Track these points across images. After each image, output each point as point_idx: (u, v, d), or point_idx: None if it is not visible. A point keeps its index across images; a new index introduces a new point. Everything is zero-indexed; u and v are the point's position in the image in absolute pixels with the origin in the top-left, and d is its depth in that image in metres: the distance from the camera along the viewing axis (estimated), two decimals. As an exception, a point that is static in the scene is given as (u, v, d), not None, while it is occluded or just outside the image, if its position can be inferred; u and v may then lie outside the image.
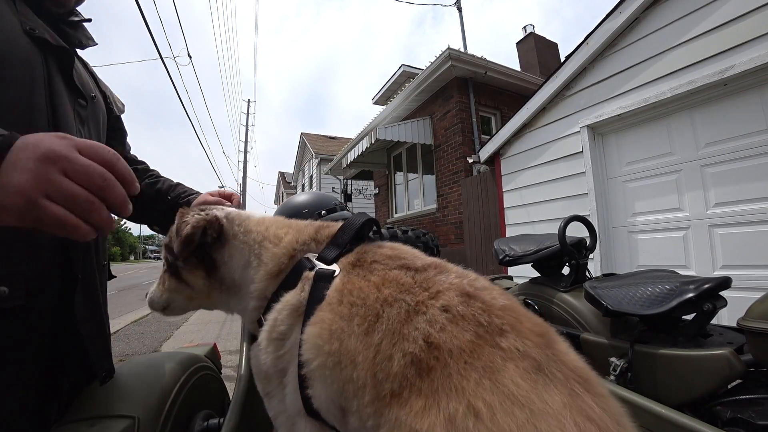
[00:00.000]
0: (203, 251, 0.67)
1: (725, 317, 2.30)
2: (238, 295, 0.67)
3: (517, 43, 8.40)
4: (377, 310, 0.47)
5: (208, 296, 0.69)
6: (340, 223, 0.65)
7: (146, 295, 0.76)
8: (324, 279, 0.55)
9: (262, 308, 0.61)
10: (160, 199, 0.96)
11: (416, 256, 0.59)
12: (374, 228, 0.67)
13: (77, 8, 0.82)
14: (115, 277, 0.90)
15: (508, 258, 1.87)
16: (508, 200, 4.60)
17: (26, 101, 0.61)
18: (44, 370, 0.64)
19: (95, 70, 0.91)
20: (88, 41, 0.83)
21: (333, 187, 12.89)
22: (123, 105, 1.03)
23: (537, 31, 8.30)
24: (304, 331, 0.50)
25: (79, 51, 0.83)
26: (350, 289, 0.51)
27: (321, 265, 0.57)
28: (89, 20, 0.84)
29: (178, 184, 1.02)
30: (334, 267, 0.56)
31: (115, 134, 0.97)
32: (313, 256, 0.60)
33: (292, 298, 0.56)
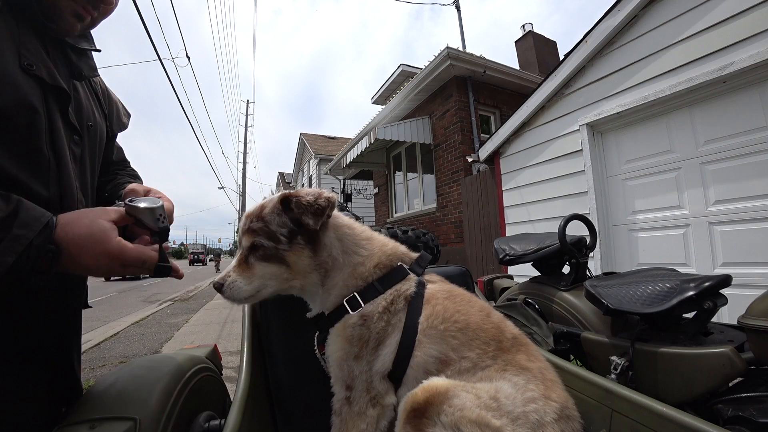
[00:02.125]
0: (312, 233, 0.79)
1: (726, 315, 2.30)
2: (334, 274, 0.82)
3: (515, 42, 8.40)
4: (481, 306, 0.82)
5: (305, 277, 0.81)
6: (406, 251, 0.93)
7: (219, 287, 0.79)
8: (422, 284, 0.82)
9: (359, 288, 0.80)
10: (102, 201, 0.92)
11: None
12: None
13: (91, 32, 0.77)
14: (90, 307, 0.88)
15: (508, 257, 1.87)
16: (507, 199, 4.60)
17: (30, 149, 0.59)
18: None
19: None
20: (90, 72, 0.79)
21: (333, 187, 12.89)
22: (128, 117, 0.99)
23: (538, 24, 8.35)
24: (426, 310, 0.76)
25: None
26: (453, 292, 0.83)
27: (413, 275, 0.84)
28: (98, 50, 0.81)
29: (124, 182, 0.92)
30: (422, 279, 0.84)
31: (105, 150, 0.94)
32: (405, 266, 0.85)
33: (404, 288, 0.80)
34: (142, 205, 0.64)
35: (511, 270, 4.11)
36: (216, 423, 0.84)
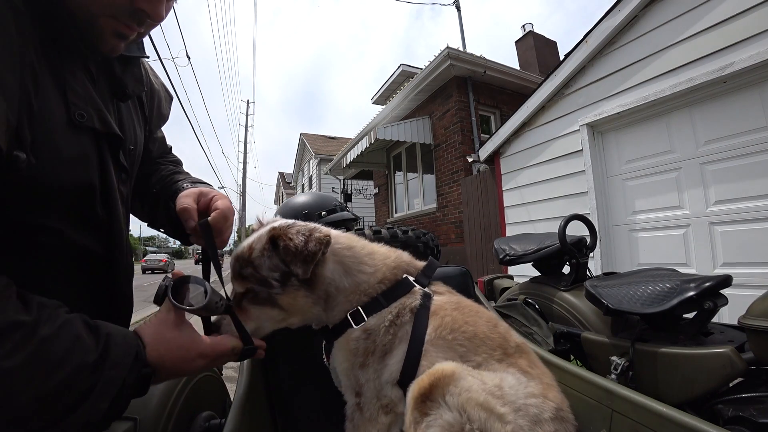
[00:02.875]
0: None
1: (726, 315, 2.30)
2: (337, 297, 0.79)
3: (516, 42, 8.40)
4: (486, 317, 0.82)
5: (304, 314, 0.77)
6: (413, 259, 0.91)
7: (217, 329, 0.72)
8: (428, 296, 0.80)
9: (362, 302, 0.78)
10: (149, 192, 0.84)
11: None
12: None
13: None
14: None
15: (508, 257, 1.87)
16: (507, 199, 4.60)
17: (84, 212, 0.57)
18: None
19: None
20: (136, 87, 0.70)
21: (333, 187, 12.88)
22: (170, 101, 0.90)
23: (538, 24, 8.35)
24: (435, 321, 0.76)
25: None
26: (461, 303, 0.82)
27: (419, 287, 0.83)
28: (147, 57, 0.73)
29: (170, 173, 0.86)
30: (429, 290, 0.83)
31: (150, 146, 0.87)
32: (410, 278, 0.83)
33: (408, 302, 0.79)
34: (197, 304, 0.59)
35: (512, 270, 4.11)
36: (216, 422, 0.85)
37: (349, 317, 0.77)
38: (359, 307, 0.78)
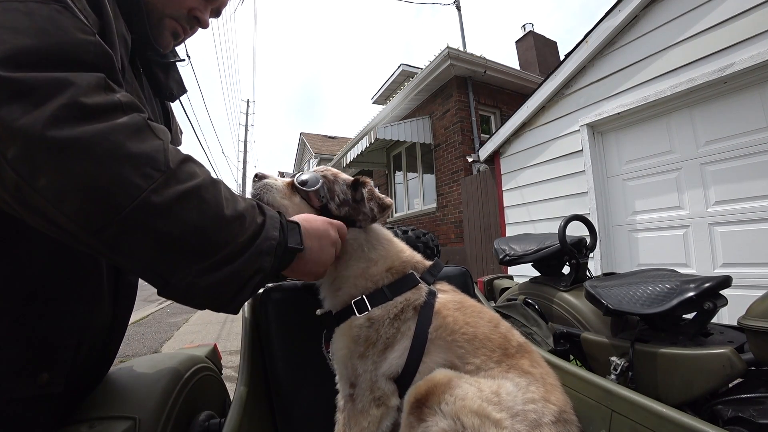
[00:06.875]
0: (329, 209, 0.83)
1: (726, 316, 2.30)
2: (351, 263, 0.83)
3: (516, 42, 8.41)
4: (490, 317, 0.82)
5: None
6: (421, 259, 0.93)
7: (258, 177, 0.85)
8: (433, 294, 0.82)
9: (369, 290, 0.80)
10: None
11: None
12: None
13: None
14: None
15: (508, 257, 1.87)
16: (507, 199, 4.60)
17: None
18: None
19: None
20: (179, 90, 0.81)
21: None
22: (181, 134, 1.00)
23: (538, 23, 8.35)
24: (436, 320, 0.76)
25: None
26: (464, 303, 0.83)
27: (424, 284, 0.84)
28: (182, 60, 0.82)
29: None
30: (434, 288, 0.85)
31: None
32: (417, 274, 0.84)
33: (413, 298, 0.80)
34: (309, 189, 0.78)
35: (511, 270, 4.11)
36: (216, 422, 0.85)
37: (353, 304, 0.78)
38: (364, 296, 0.78)
